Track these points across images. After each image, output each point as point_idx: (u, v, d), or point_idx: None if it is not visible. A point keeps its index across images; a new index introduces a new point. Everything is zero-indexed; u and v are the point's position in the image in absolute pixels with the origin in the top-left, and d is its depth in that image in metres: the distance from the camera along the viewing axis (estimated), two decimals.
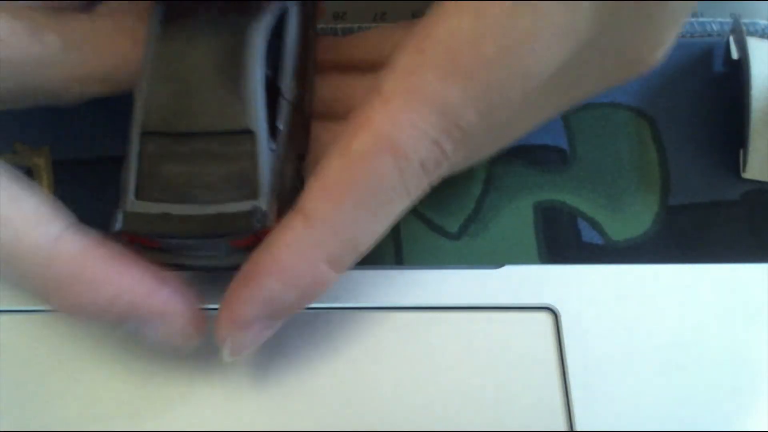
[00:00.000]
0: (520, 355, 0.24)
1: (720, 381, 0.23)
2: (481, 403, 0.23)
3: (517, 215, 0.27)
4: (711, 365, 0.23)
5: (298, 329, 0.24)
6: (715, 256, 0.26)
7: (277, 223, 0.21)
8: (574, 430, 0.23)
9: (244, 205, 0.21)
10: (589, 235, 0.27)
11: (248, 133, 0.21)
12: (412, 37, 0.20)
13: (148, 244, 0.22)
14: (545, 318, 0.24)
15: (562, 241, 0.26)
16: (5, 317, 0.24)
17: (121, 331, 0.22)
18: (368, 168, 0.20)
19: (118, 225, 0.21)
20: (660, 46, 0.22)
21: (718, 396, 0.23)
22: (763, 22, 0.29)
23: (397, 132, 0.19)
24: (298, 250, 0.20)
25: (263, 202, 0.21)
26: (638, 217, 0.27)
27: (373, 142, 0.20)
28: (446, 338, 0.24)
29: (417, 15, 0.21)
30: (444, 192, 0.25)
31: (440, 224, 0.27)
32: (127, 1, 0.24)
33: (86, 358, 0.24)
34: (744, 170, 0.27)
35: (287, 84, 0.23)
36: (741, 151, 0.27)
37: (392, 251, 0.26)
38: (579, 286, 0.25)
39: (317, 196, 0.20)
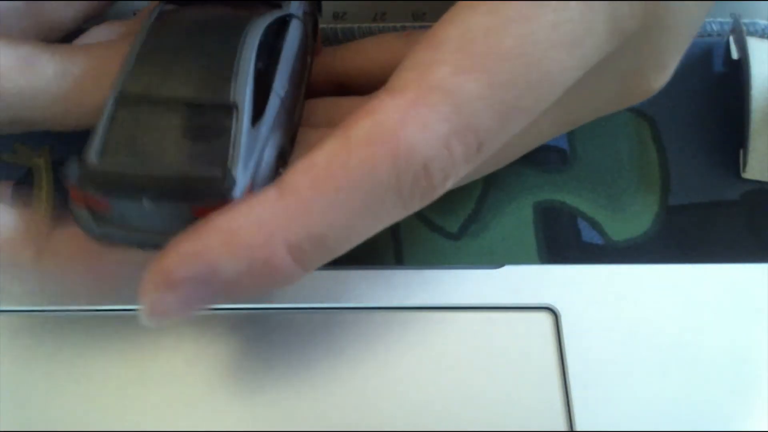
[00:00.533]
0: (520, 355, 0.24)
1: (720, 381, 0.23)
2: (481, 403, 0.23)
3: (517, 215, 0.27)
4: (711, 365, 0.23)
5: (298, 329, 0.24)
6: (715, 256, 0.26)
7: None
8: (574, 430, 0.23)
9: (215, 171, 0.19)
10: (589, 235, 0.27)
11: (231, 109, 0.20)
12: (425, 36, 0.19)
13: (98, 207, 0.20)
14: (545, 318, 0.24)
15: (562, 241, 0.26)
16: (5, 317, 0.24)
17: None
18: (363, 155, 0.18)
19: (72, 178, 0.19)
20: (663, 70, 0.22)
21: (718, 396, 0.23)
22: (763, 22, 0.29)
23: (403, 124, 0.18)
24: (260, 221, 0.18)
25: (236, 173, 0.19)
26: (638, 217, 0.27)
27: (373, 130, 0.18)
28: (446, 338, 0.24)
29: (417, 15, 0.21)
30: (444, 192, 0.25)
31: (440, 224, 0.27)
32: (122, 31, 0.24)
33: (86, 358, 0.24)
34: (744, 170, 0.27)
35: (280, 83, 0.22)
36: (741, 151, 0.27)
37: (392, 251, 0.26)
38: (579, 286, 0.25)
39: (300, 171, 0.18)
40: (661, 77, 0.22)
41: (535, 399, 0.23)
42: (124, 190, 0.19)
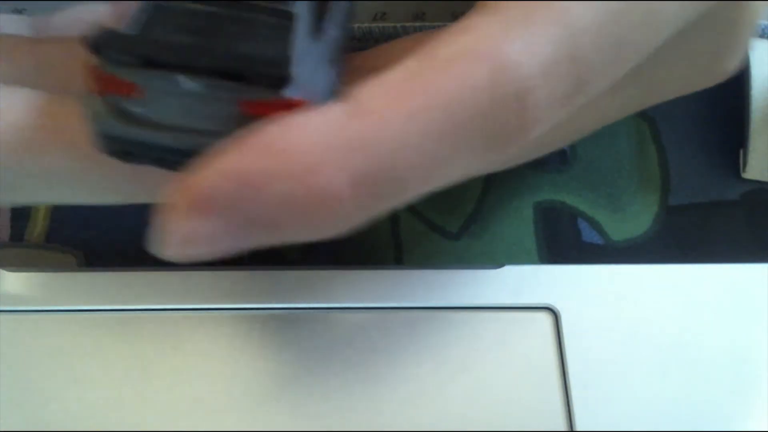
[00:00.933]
0: (520, 355, 0.24)
1: (720, 381, 0.23)
2: (481, 403, 0.23)
3: (517, 215, 0.27)
4: (711, 365, 0.23)
5: (297, 329, 0.24)
6: (715, 256, 0.26)
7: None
8: (574, 430, 0.23)
9: (272, 57, 0.15)
10: (589, 235, 0.27)
11: (290, 14, 0.16)
12: None
13: (123, 89, 0.16)
14: (545, 318, 0.24)
15: (562, 241, 0.26)
16: (5, 317, 0.24)
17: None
18: (455, 72, 0.15)
19: (97, 39, 0.15)
20: (737, 51, 0.21)
21: (718, 396, 0.23)
22: (763, 22, 0.29)
23: (506, 40, 0.15)
24: (320, 140, 0.14)
25: (294, 70, 0.15)
26: (638, 217, 0.27)
27: (470, 45, 0.15)
28: (446, 338, 0.24)
29: (457, 16, 0.21)
30: (444, 192, 0.25)
31: (440, 224, 0.27)
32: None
33: (86, 358, 0.24)
34: (744, 170, 0.27)
35: (339, 12, 0.19)
36: (741, 151, 0.27)
37: (392, 251, 0.26)
38: (579, 286, 0.25)
39: (374, 91, 0.15)
40: (733, 59, 0.21)
41: (535, 399, 0.23)
42: (165, 59, 0.15)
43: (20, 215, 0.27)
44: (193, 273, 0.24)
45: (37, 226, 0.26)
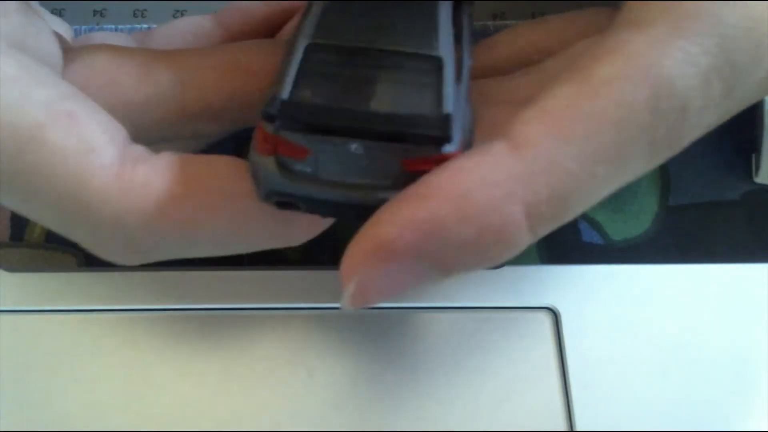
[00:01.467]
0: (521, 355, 0.24)
1: (720, 381, 0.23)
2: (481, 403, 0.23)
3: None
4: (711, 365, 0.23)
5: (297, 329, 0.24)
6: (715, 256, 0.26)
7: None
8: (574, 430, 0.23)
9: (432, 115, 0.16)
10: (589, 235, 0.27)
11: (438, 60, 0.17)
12: None
13: (291, 151, 0.17)
14: (545, 318, 0.24)
15: (562, 241, 0.26)
16: (5, 317, 0.24)
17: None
18: (613, 95, 0.15)
19: (272, 109, 0.16)
20: None
21: (718, 396, 0.23)
22: None
23: (661, 58, 0.15)
24: (492, 179, 0.15)
25: (453, 123, 0.16)
26: (638, 217, 0.27)
27: (625, 66, 0.15)
28: (446, 338, 0.24)
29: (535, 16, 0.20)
30: None
31: None
32: (211, 29, 0.23)
33: (86, 358, 0.24)
34: (756, 175, 0.27)
35: (467, 52, 0.19)
36: (753, 156, 0.27)
37: None
38: (579, 286, 0.25)
39: (533, 122, 0.15)
40: None
41: (535, 399, 0.23)
42: (330, 125, 0.16)
43: (20, 215, 0.27)
44: (193, 273, 0.24)
45: (37, 226, 0.26)
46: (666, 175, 0.27)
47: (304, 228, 0.18)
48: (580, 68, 0.16)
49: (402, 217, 0.15)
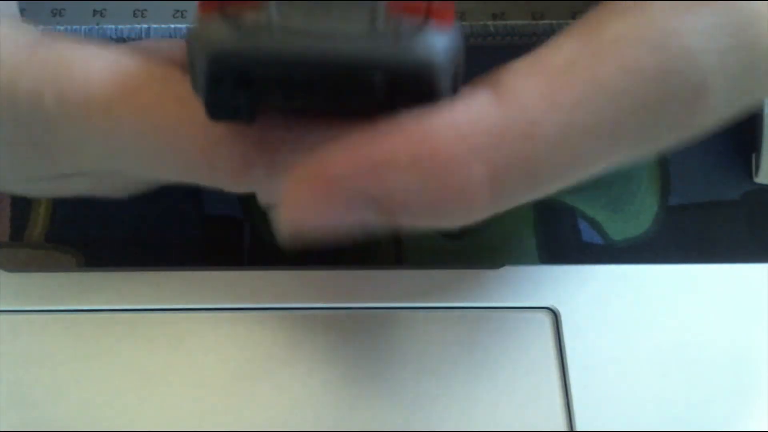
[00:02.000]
0: (520, 355, 0.24)
1: (720, 381, 0.23)
2: (480, 403, 0.23)
3: (517, 215, 0.27)
4: (711, 365, 0.23)
5: (297, 329, 0.24)
6: (715, 256, 0.26)
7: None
8: (574, 430, 0.23)
9: None
10: (589, 235, 0.27)
11: None
12: None
13: (242, 5, 0.13)
14: (545, 318, 0.24)
15: (562, 241, 0.26)
16: (5, 317, 0.24)
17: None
18: (622, 59, 0.13)
19: None
20: None
21: (718, 396, 0.23)
22: None
23: (682, 22, 0.13)
24: (462, 127, 0.13)
25: None
26: (638, 217, 0.27)
27: (641, 25, 0.13)
28: (446, 338, 0.24)
29: (577, 17, 0.19)
30: None
31: None
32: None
33: (86, 358, 0.24)
34: (756, 175, 0.27)
35: None
36: (753, 156, 0.27)
37: (392, 251, 0.26)
38: (579, 286, 0.25)
39: (523, 73, 0.13)
40: None
41: (535, 399, 0.23)
42: None
43: (20, 215, 0.27)
44: (193, 273, 0.24)
45: (37, 226, 0.26)
46: (666, 175, 0.27)
47: (241, 159, 0.16)
48: (588, 23, 0.14)
49: (349, 151, 0.13)
